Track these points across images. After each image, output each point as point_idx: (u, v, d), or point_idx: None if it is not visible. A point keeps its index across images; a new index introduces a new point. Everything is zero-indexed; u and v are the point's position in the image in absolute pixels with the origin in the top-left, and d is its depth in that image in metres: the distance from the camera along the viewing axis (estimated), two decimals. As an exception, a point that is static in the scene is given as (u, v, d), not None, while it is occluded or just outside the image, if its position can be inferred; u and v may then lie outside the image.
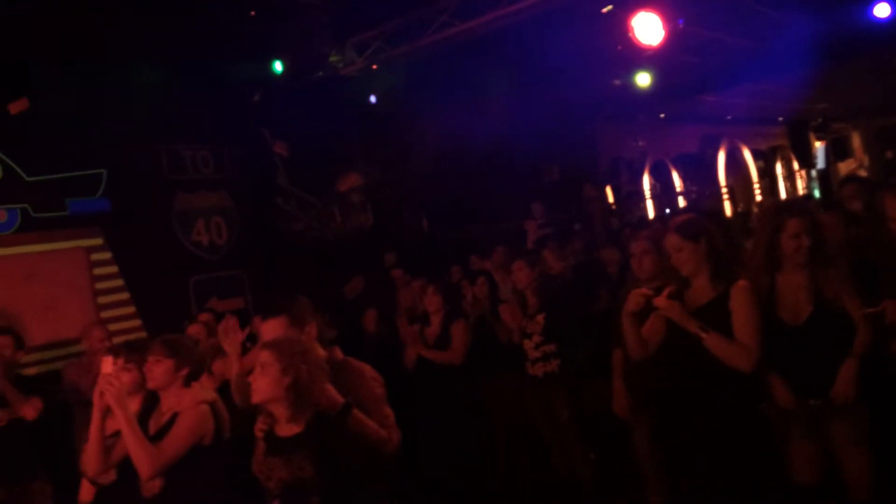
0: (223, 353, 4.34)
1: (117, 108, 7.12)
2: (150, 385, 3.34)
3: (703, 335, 3.17)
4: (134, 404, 3.38)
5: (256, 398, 2.88)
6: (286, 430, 2.86)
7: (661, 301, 3.25)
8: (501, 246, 7.27)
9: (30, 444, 4.70)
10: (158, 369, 3.30)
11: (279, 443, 2.85)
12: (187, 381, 3.34)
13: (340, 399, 2.98)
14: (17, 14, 5.80)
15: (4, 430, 4.66)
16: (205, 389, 3.44)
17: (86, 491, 3.55)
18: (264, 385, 2.84)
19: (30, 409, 4.63)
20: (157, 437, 3.21)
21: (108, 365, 3.20)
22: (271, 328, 3.22)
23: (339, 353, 3.43)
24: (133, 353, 3.52)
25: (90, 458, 3.25)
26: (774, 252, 3.38)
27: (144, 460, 3.06)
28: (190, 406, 3.24)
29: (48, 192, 7.16)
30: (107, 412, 3.17)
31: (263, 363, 2.86)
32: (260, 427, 2.95)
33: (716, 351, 3.17)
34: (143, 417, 3.36)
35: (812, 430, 3.33)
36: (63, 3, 5.75)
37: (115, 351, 3.52)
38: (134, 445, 3.07)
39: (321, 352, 3.19)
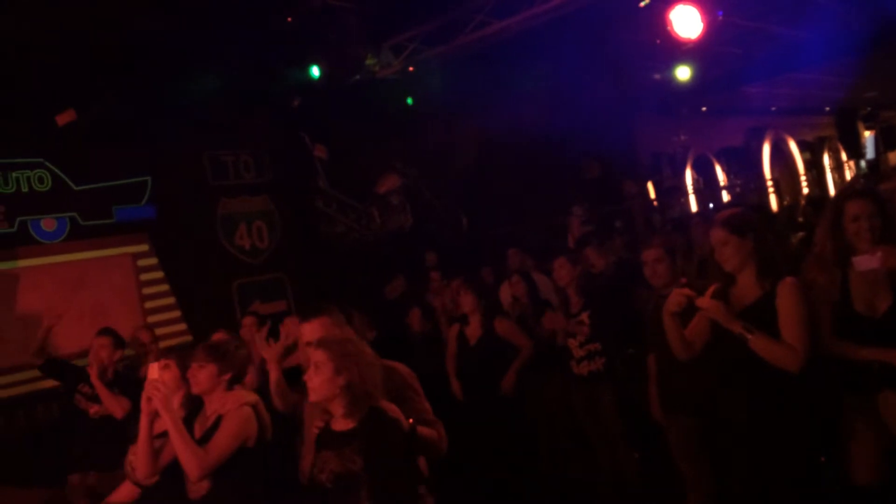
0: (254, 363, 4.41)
1: (160, 117, 7.25)
2: (195, 390, 3.39)
3: (749, 336, 3.06)
4: (175, 401, 3.44)
5: (314, 397, 2.92)
6: (341, 425, 2.90)
7: (703, 301, 3.14)
8: (514, 248, 7.24)
9: (118, 436, 4.92)
10: (202, 374, 3.35)
11: (333, 437, 2.90)
12: (230, 385, 3.38)
13: (406, 422, 2.99)
14: (62, 28, 5.94)
15: (98, 422, 5.04)
16: (247, 392, 3.48)
17: (127, 491, 3.62)
18: (319, 383, 2.88)
19: (118, 409, 4.92)
20: (202, 441, 3.26)
21: (154, 371, 3.27)
22: (312, 329, 3.27)
23: None
24: (171, 352, 3.60)
25: (140, 462, 3.31)
26: (842, 241, 3.21)
27: (192, 462, 3.12)
28: (234, 409, 3.28)
29: (95, 200, 7.35)
30: (154, 416, 3.24)
31: (318, 362, 2.90)
32: (317, 425, 2.99)
33: (761, 352, 3.06)
34: (188, 421, 3.42)
35: (879, 426, 3.17)
36: (106, 17, 5.86)
37: (158, 356, 3.61)
38: (182, 448, 3.13)
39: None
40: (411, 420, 3.01)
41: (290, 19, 6.56)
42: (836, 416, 3.28)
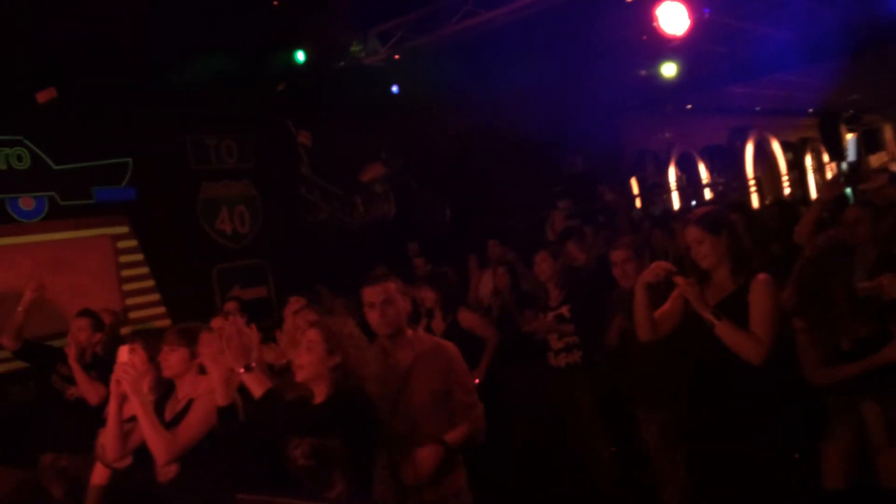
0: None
1: (143, 98, 7.18)
2: (166, 374, 3.38)
3: (716, 321, 3.12)
4: (144, 385, 3.42)
5: (300, 375, 2.93)
6: (319, 400, 2.92)
7: (681, 279, 3.21)
8: (494, 239, 7.22)
9: (93, 419, 4.84)
10: (173, 358, 3.34)
11: (310, 415, 2.90)
12: (202, 369, 3.36)
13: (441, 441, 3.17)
14: (46, 5, 5.86)
15: (73, 404, 4.92)
16: None
17: (99, 474, 3.60)
18: (309, 362, 2.89)
19: (94, 395, 4.78)
20: (172, 423, 3.25)
21: (124, 353, 3.25)
22: (375, 292, 3.29)
23: (422, 333, 3.55)
24: (141, 336, 3.58)
25: (109, 444, 3.31)
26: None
27: (160, 446, 3.11)
28: (205, 392, 3.27)
29: (75, 180, 7.26)
30: (123, 399, 3.22)
31: (310, 342, 2.92)
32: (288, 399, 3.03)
33: (726, 339, 3.12)
34: (159, 404, 3.41)
35: (857, 430, 3.26)
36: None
37: (130, 339, 3.58)
38: (150, 432, 3.12)
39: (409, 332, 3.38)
40: (444, 437, 3.19)
41: (276, 3, 6.51)
42: (818, 417, 3.34)
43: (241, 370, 2.88)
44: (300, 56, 7.10)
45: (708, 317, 3.13)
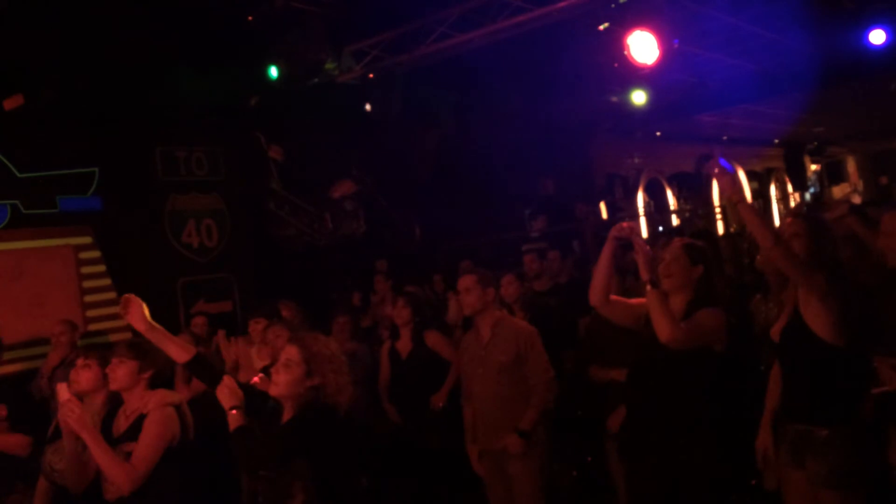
0: None
1: (113, 107, 7.11)
2: (113, 386, 3.31)
3: (650, 288, 3.22)
4: (98, 400, 3.35)
5: (275, 391, 2.90)
6: (288, 415, 2.90)
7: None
8: (467, 261, 7.24)
9: (9, 461, 4.57)
10: (121, 370, 3.28)
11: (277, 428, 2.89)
12: (152, 384, 3.32)
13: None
14: (16, 12, 5.79)
15: None
16: (170, 392, 3.42)
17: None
18: (284, 381, 2.85)
19: (20, 448, 4.32)
20: (121, 440, 3.19)
21: (63, 392, 3.16)
22: (463, 283, 4.35)
23: (506, 315, 4.49)
24: (94, 351, 3.52)
25: (70, 476, 3.25)
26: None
27: (122, 478, 3.05)
28: (155, 408, 3.21)
29: (39, 188, 7.15)
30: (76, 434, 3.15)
31: (289, 360, 2.87)
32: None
33: (651, 306, 3.19)
34: (107, 419, 3.34)
35: (797, 458, 3.18)
36: (60, 3, 5.74)
37: (83, 353, 3.53)
38: (107, 465, 3.06)
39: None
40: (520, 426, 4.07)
41: (250, 18, 6.50)
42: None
43: (232, 410, 2.89)
44: (273, 72, 7.08)
45: (647, 280, 3.22)
